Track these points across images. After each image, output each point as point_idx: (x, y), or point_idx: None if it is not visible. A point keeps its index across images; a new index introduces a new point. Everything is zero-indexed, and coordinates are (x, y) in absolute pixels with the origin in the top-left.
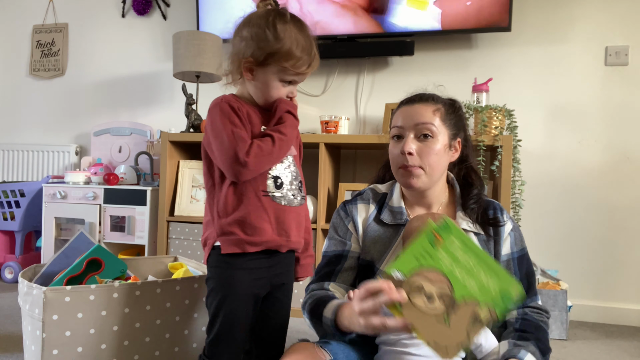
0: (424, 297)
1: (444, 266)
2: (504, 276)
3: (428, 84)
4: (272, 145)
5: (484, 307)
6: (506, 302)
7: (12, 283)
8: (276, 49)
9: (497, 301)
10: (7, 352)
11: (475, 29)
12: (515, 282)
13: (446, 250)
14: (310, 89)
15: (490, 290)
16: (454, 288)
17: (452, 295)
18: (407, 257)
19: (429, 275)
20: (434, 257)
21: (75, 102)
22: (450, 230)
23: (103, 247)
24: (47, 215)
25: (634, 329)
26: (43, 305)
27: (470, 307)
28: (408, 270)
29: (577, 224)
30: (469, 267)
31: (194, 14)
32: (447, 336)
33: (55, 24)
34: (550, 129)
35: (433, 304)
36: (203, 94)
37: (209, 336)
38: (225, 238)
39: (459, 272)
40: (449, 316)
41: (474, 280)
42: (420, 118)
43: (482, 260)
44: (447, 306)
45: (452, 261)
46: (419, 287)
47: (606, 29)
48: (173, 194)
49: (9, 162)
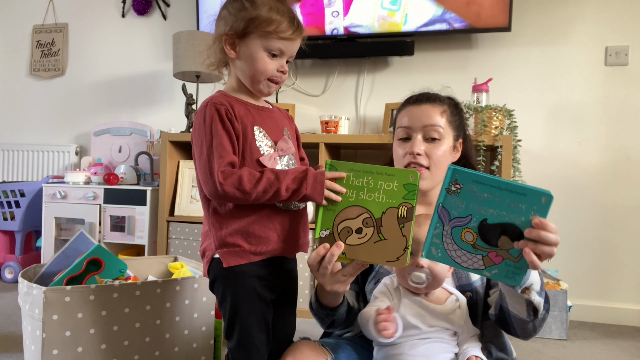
0: (355, 233)
1: (351, 199)
2: (398, 172)
3: (433, 84)
4: (255, 185)
5: (400, 207)
6: (411, 189)
7: (12, 283)
8: (255, 14)
9: (406, 195)
10: (7, 352)
11: (475, 29)
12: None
13: (343, 185)
14: (310, 89)
15: (395, 190)
16: (370, 210)
17: (373, 216)
18: (322, 215)
19: (347, 214)
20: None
21: (75, 102)
22: (336, 168)
23: (103, 247)
24: (47, 215)
25: (634, 329)
26: (43, 305)
27: (392, 214)
28: (330, 224)
29: (577, 224)
30: (369, 186)
31: (194, 14)
32: (391, 248)
33: (55, 24)
34: (550, 129)
35: (364, 233)
36: (203, 94)
37: (230, 341)
38: (227, 250)
39: (365, 195)
40: (380, 233)
41: (379, 192)
42: (428, 120)
43: (374, 173)
44: (375, 226)
45: (354, 190)
46: (346, 229)
47: (606, 29)
48: (173, 194)
49: (9, 162)
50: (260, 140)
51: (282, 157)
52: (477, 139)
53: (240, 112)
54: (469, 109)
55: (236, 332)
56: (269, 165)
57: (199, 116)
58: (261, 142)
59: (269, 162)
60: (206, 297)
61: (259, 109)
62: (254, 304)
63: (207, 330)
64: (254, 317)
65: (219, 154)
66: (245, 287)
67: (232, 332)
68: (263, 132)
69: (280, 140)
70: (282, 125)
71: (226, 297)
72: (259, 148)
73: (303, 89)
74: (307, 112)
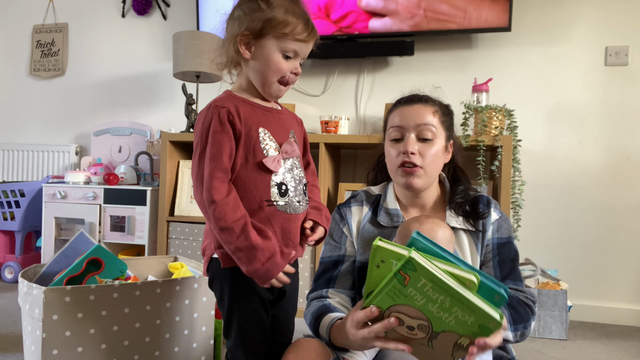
0: (405, 327)
1: (417, 303)
2: (480, 312)
3: (426, 84)
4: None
5: (463, 337)
6: (485, 332)
7: (12, 283)
8: (271, 16)
9: (477, 333)
10: (7, 352)
11: (475, 29)
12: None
13: (416, 288)
14: (310, 89)
15: (469, 324)
16: (431, 322)
17: (432, 328)
18: (382, 295)
19: (407, 310)
20: (407, 295)
21: (75, 102)
22: (416, 270)
23: (103, 247)
24: (47, 215)
25: (633, 329)
26: (43, 305)
27: (451, 337)
28: (384, 305)
29: (577, 224)
30: (443, 305)
31: (194, 14)
32: (434, 356)
33: (55, 24)
34: (550, 129)
35: (414, 333)
36: (203, 94)
37: (228, 340)
38: (225, 251)
39: (434, 308)
40: (431, 343)
41: (449, 315)
42: (421, 119)
43: (455, 299)
44: (429, 336)
45: (425, 298)
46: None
47: (606, 29)
48: (173, 194)
49: (9, 162)
50: (265, 142)
51: (285, 160)
52: (477, 139)
53: (246, 113)
54: (469, 109)
55: (233, 331)
56: (272, 167)
57: (200, 118)
58: (265, 144)
59: (272, 164)
60: (206, 297)
61: (266, 110)
62: (252, 303)
63: (207, 330)
64: (251, 316)
65: (211, 160)
66: (242, 286)
67: (229, 331)
68: (268, 134)
69: (285, 142)
70: (289, 127)
71: (224, 296)
72: (262, 150)
73: (303, 89)
74: (307, 112)
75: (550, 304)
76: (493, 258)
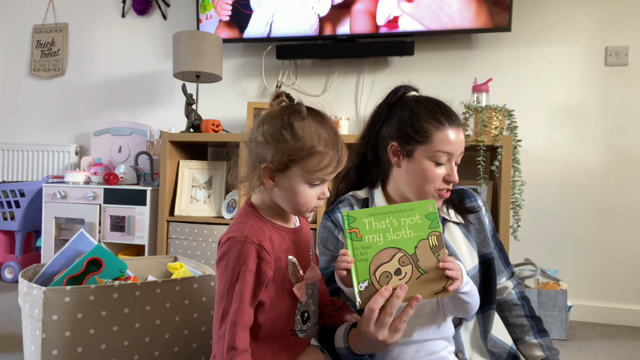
0: (394, 276)
1: (380, 244)
2: (416, 205)
3: (429, 82)
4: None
5: (430, 236)
6: (433, 218)
7: (12, 283)
8: (297, 148)
9: (430, 224)
10: (7, 352)
11: (475, 29)
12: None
13: (367, 232)
14: (310, 89)
15: (419, 222)
16: (402, 247)
17: (407, 253)
18: (356, 268)
19: (381, 258)
20: (369, 245)
21: (75, 102)
22: (355, 218)
23: (103, 247)
24: (47, 215)
25: (634, 329)
26: (43, 306)
27: (424, 245)
28: (366, 274)
29: (577, 224)
30: (393, 225)
31: (194, 14)
32: (432, 279)
33: (55, 24)
34: (550, 129)
35: (403, 273)
36: (203, 94)
37: None
38: None
39: (393, 235)
40: (419, 267)
41: (405, 229)
42: (462, 146)
43: (394, 212)
44: (413, 262)
45: (380, 233)
46: (385, 274)
47: (606, 29)
48: (173, 194)
49: (9, 162)
50: (293, 274)
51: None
52: (477, 139)
53: (276, 242)
54: (469, 109)
55: None
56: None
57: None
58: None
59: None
60: (206, 297)
61: (292, 232)
62: None
63: (207, 330)
64: None
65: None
66: None
67: None
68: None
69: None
70: (309, 242)
71: None
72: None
73: (303, 89)
74: None
75: (550, 304)
76: (494, 247)
